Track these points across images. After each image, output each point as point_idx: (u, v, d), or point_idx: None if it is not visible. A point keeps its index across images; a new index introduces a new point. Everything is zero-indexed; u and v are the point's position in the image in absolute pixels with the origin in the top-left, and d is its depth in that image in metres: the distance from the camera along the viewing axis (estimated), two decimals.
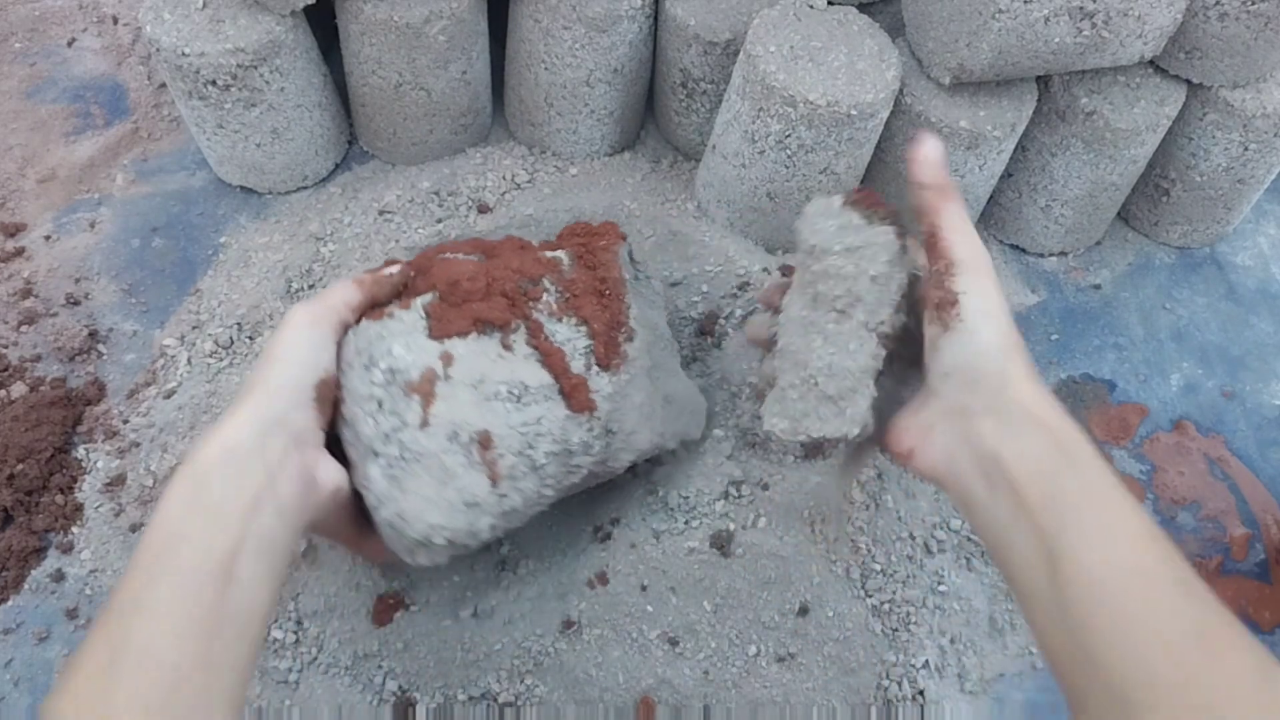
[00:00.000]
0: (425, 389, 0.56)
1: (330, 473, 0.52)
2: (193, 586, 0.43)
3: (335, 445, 0.57)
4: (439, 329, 0.58)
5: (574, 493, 0.64)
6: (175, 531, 0.45)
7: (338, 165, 0.94)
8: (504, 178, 0.92)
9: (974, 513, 0.47)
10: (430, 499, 0.55)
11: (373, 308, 0.58)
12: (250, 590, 0.45)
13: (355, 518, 0.57)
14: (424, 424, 0.55)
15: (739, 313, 0.81)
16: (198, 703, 0.41)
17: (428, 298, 0.59)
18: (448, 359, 0.57)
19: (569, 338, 0.61)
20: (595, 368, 0.62)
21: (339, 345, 0.56)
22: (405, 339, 0.57)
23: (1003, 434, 0.45)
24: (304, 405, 0.51)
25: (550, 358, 0.60)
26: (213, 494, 0.46)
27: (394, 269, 0.60)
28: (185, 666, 0.41)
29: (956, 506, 0.49)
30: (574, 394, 0.60)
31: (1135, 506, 0.43)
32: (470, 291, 0.59)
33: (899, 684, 0.69)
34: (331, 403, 0.54)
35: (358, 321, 0.58)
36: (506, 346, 0.59)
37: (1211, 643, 0.38)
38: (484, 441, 0.56)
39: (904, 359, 0.54)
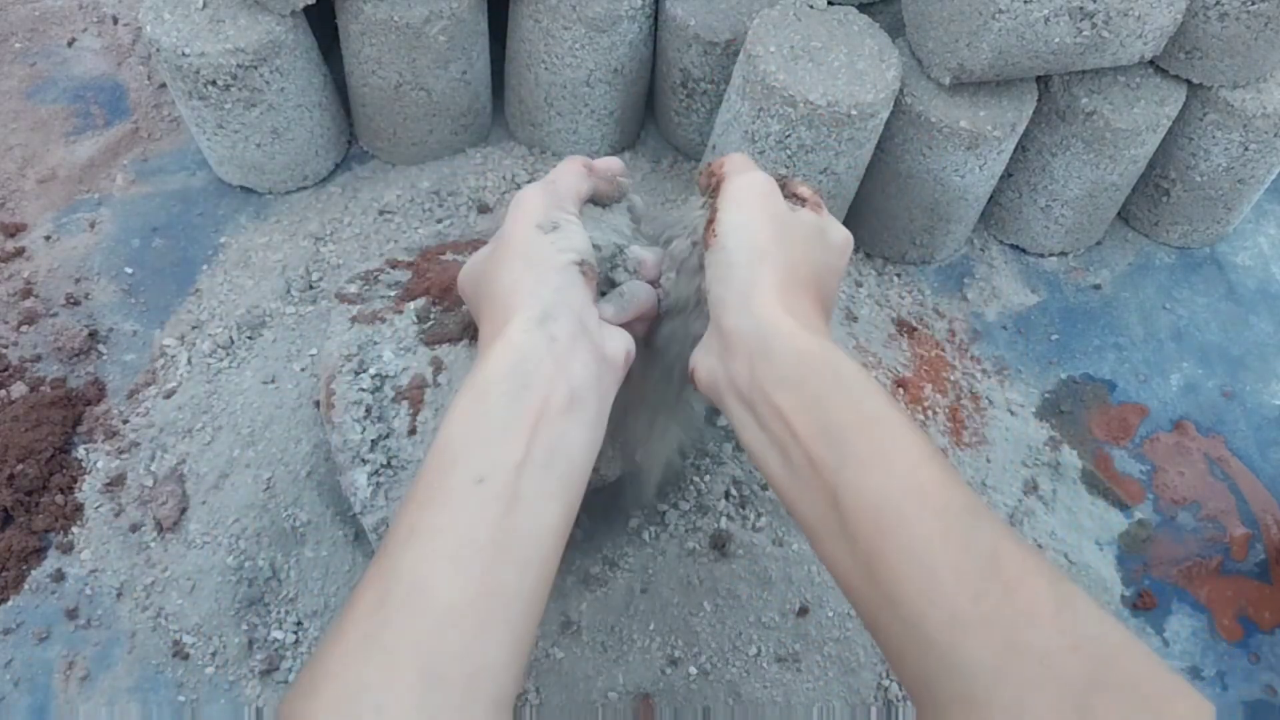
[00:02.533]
0: (414, 395, 0.56)
1: (618, 343, 0.47)
2: (471, 510, 0.39)
3: None
4: (431, 335, 0.58)
5: None
6: (453, 453, 0.40)
7: (338, 165, 0.94)
8: (504, 178, 0.92)
9: (741, 434, 0.45)
10: None
11: (591, 201, 0.53)
12: (538, 508, 0.40)
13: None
14: (412, 431, 0.55)
15: None
16: (478, 636, 0.37)
17: (420, 303, 0.59)
18: (438, 365, 0.57)
19: None
20: None
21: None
22: (396, 344, 0.57)
23: (755, 361, 0.43)
24: (575, 283, 0.45)
25: None
26: (493, 405, 0.41)
27: (624, 178, 0.54)
28: (461, 598, 0.37)
29: (731, 426, 0.46)
30: None
31: (910, 427, 0.41)
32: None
33: (899, 684, 0.69)
34: (596, 282, 0.48)
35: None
36: None
37: (1007, 570, 0.36)
38: None
39: None
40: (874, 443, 0.40)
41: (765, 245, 0.45)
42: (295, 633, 0.66)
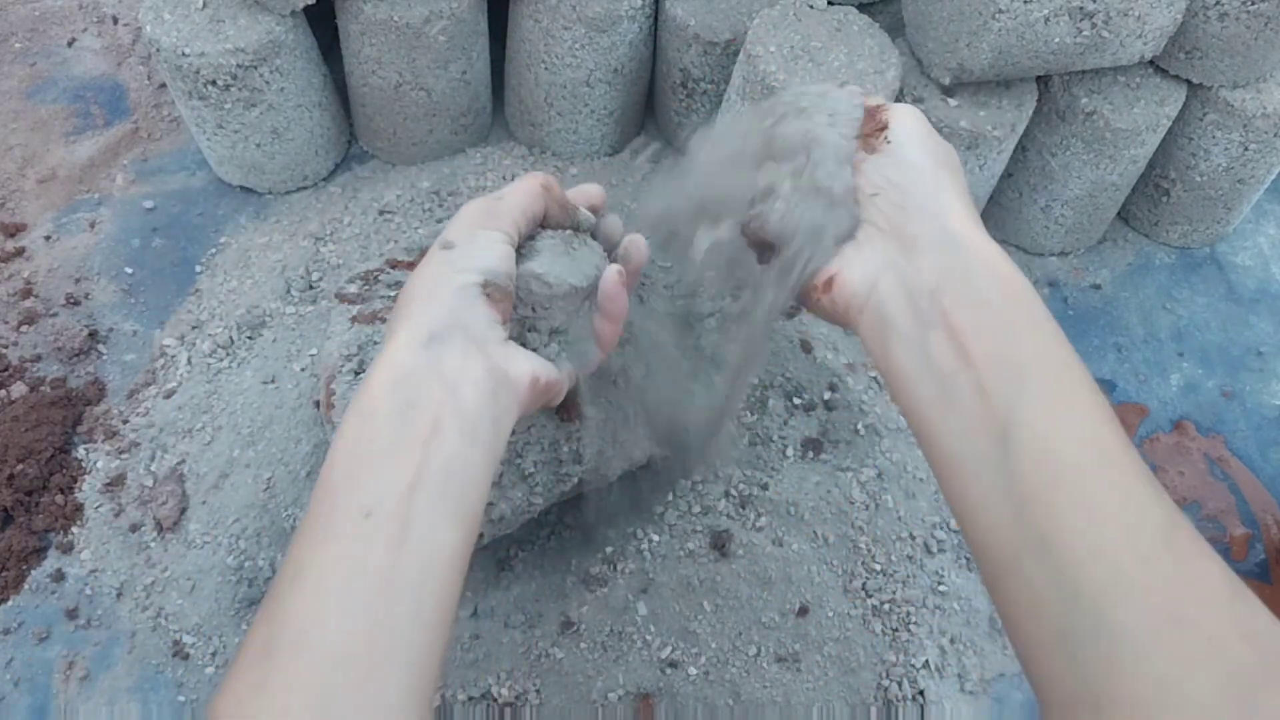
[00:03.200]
0: None
1: (523, 365, 0.44)
2: (359, 543, 0.36)
3: None
4: None
5: (568, 498, 0.64)
6: (342, 480, 0.38)
7: (338, 165, 0.94)
8: (504, 178, 0.92)
9: (893, 349, 0.42)
10: None
11: (544, 226, 0.50)
12: (431, 535, 0.38)
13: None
14: None
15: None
16: (371, 677, 0.35)
17: None
18: None
19: None
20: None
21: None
22: None
23: (944, 272, 0.41)
24: (474, 303, 0.43)
25: None
26: (379, 427, 0.39)
27: (587, 214, 0.51)
28: (352, 639, 0.35)
29: (867, 342, 0.43)
30: (564, 404, 0.59)
31: (1092, 380, 0.39)
32: None
33: (899, 684, 0.69)
34: (509, 303, 0.46)
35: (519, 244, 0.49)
36: None
37: (1181, 546, 0.34)
38: None
39: None
40: (1060, 386, 0.38)
41: (948, 160, 0.44)
42: None
